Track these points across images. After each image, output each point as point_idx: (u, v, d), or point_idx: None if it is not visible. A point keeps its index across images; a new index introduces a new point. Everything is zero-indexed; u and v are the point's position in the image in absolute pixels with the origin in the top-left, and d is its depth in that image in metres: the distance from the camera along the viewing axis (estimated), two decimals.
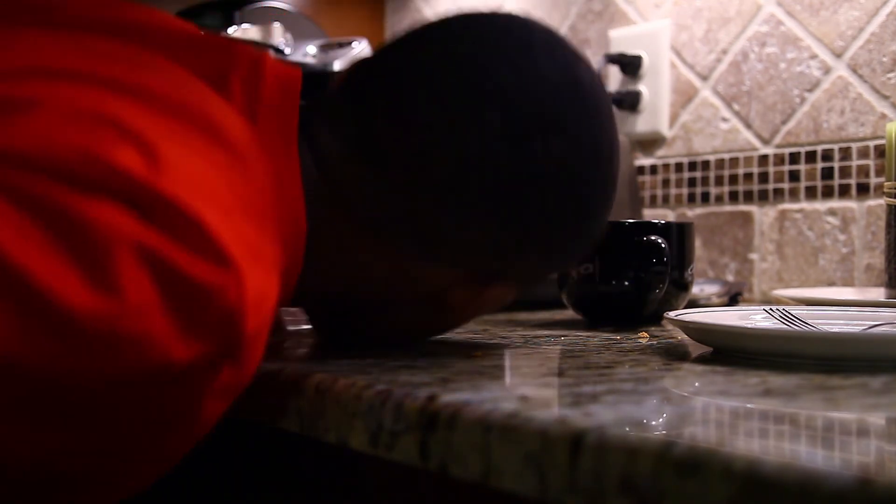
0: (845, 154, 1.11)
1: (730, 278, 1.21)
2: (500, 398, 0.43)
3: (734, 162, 1.23)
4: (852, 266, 1.10)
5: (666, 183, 1.31)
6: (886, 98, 1.08)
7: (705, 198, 1.26)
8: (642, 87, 1.32)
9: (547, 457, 0.37)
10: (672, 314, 0.62)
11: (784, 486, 0.30)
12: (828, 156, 1.13)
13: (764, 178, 1.19)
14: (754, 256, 1.20)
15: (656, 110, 1.31)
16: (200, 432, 0.46)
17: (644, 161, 1.33)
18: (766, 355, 0.55)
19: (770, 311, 0.68)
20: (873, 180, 1.08)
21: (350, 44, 1.13)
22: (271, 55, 0.60)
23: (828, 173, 1.13)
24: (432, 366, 0.53)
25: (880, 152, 1.07)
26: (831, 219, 1.12)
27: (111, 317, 0.40)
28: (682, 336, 0.70)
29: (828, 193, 1.13)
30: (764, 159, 1.19)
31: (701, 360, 0.58)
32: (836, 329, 0.64)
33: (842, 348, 0.53)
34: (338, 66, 1.09)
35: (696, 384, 0.50)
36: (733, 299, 1.06)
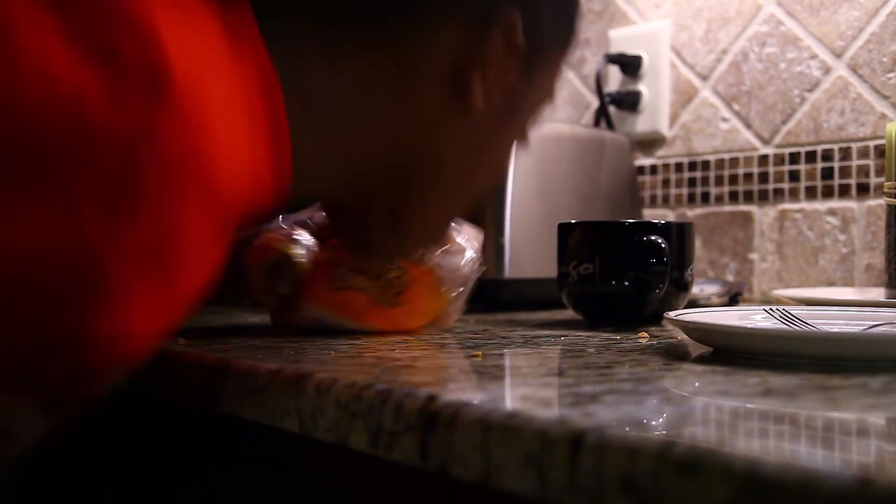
0: (845, 154, 1.11)
1: (730, 278, 1.21)
2: (500, 398, 0.43)
3: (734, 162, 1.23)
4: (852, 266, 1.10)
5: (666, 183, 1.31)
6: (886, 98, 1.08)
7: (705, 198, 1.26)
8: (642, 87, 1.32)
9: (547, 457, 0.37)
10: (672, 314, 0.62)
11: (784, 486, 0.30)
12: (828, 156, 1.13)
13: (764, 178, 1.19)
14: (754, 256, 1.20)
15: (656, 110, 1.31)
16: None
17: (644, 161, 1.33)
18: (766, 355, 0.55)
19: (770, 311, 0.68)
20: (873, 180, 1.08)
21: None
22: None
23: (828, 173, 1.13)
24: (432, 366, 0.54)
25: (880, 152, 1.08)
26: (831, 219, 1.12)
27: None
28: (682, 336, 0.70)
29: (828, 193, 1.13)
30: (764, 159, 1.19)
31: (701, 360, 0.58)
32: (836, 329, 0.64)
33: (842, 348, 0.53)
34: None
35: (696, 384, 0.50)
36: (733, 299, 1.06)
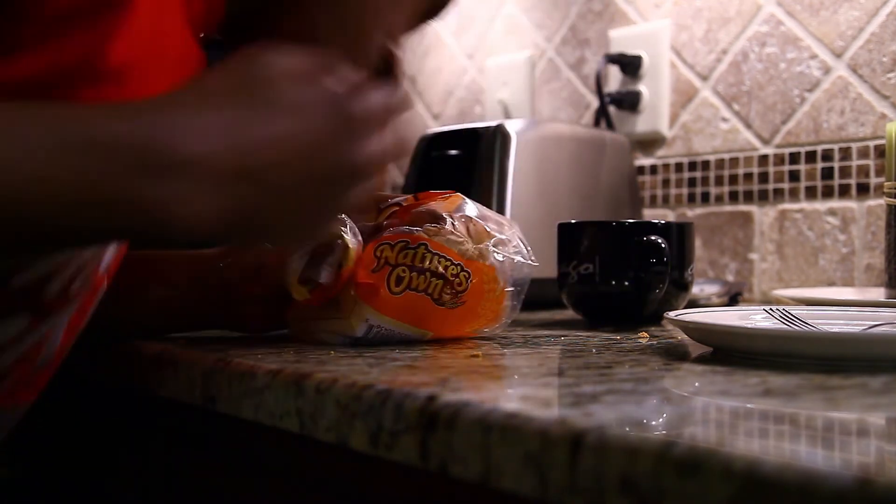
0: (845, 154, 1.11)
1: (730, 278, 1.21)
2: (500, 398, 0.43)
3: (734, 162, 1.23)
4: (852, 266, 1.10)
5: (666, 183, 1.31)
6: (886, 98, 1.08)
7: (705, 198, 1.26)
8: (642, 87, 1.32)
9: (547, 457, 0.37)
10: (672, 314, 0.62)
11: (784, 486, 0.30)
12: (828, 156, 1.13)
13: (764, 178, 1.19)
14: (754, 256, 1.20)
15: (656, 110, 1.31)
16: None
17: (644, 161, 1.33)
18: (766, 355, 0.55)
19: (770, 311, 0.68)
20: (873, 180, 1.08)
21: None
22: None
23: (828, 173, 1.13)
24: (432, 366, 0.54)
25: (880, 152, 1.07)
26: (831, 219, 1.12)
27: None
28: (682, 336, 0.70)
29: (828, 193, 1.13)
30: (764, 159, 1.19)
31: (701, 360, 0.58)
32: (836, 329, 0.64)
33: (842, 348, 0.53)
34: None
35: (696, 384, 0.50)
36: (733, 299, 1.06)
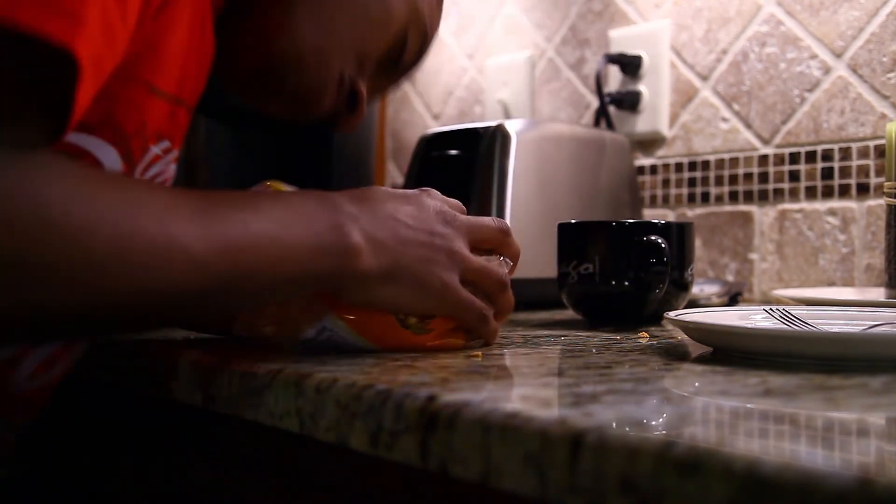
0: (845, 154, 1.11)
1: (730, 278, 1.21)
2: (500, 398, 0.43)
3: (734, 162, 1.23)
4: (852, 266, 1.10)
5: (666, 183, 1.31)
6: (886, 98, 1.08)
7: (705, 198, 1.26)
8: (642, 87, 1.32)
9: (547, 457, 0.37)
10: (672, 314, 0.62)
11: (784, 486, 0.30)
12: (828, 156, 1.13)
13: (764, 178, 1.19)
14: (754, 256, 1.20)
15: (656, 110, 1.31)
16: None
17: (644, 161, 1.33)
18: (766, 355, 0.55)
19: (770, 311, 0.68)
20: (873, 180, 1.08)
21: None
22: None
23: (828, 173, 1.13)
24: (432, 366, 0.53)
25: (880, 152, 1.08)
26: (831, 219, 1.12)
27: None
28: (682, 336, 0.70)
29: (828, 193, 1.13)
30: (764, 159, 1.19)
31: (701, 360, 0.58)
32: (836, 329, 0.64)
33: (842, 348, 0.53)
34: None
35: (696, 384, 0.50)
36: (733, 299, 1.06)
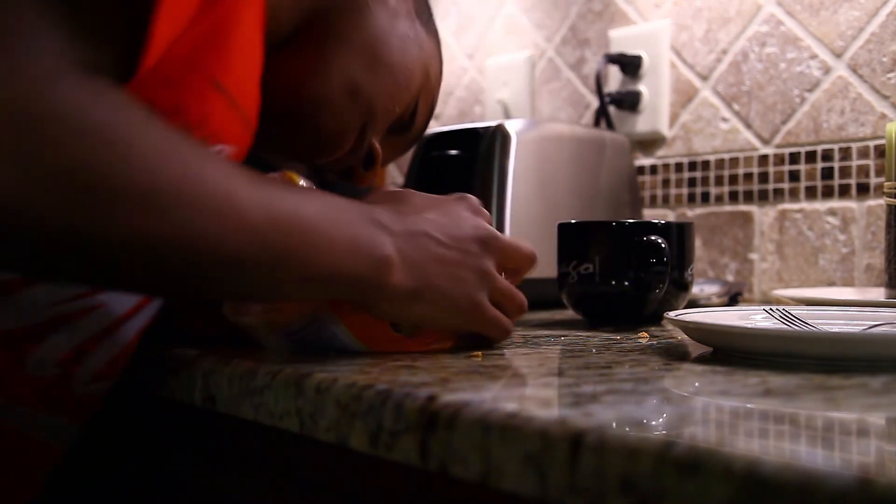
0: (845, 154, 1.11)
1: (730, 278, 1.21)
2: (500, 398, 0.43)
3: (734, 162, 1.23)
4: (852, 266, 1.10)
5: (666, 183, 1.31)
6: (886, 98, 1.08)
7: (705, 198, 1.26)
8: (642, 87, 1.32)
9: (547, 457, 0.37)
10: (672, 314, 0.62)
11: (784, 486, 0.30)
12: (828, 156, 1.13)
13: (764, 178, 1.19)
14: (754, 256, 1.20)
15: (656, 110, 1.31)
16: None
17: (644, 161, 1.33)
18: (766, 355, 0.55)
19: (770, 311, 0.68)
20: (873, 180, 1.08)
21: None
22: None
23: (828, 173, 1.13)
24: (432, 366, 0.53)
25: (880, 152, 1.08)
26: (831, 219, 1.12)
27: None
28: (682, 336, 0.70)
29: (828, 193, 1.13)
30: (764, 159, 1.19)
31: (701, 360, 0.58)
32: (836, 329, 0.64)
33: (842, 348, 0.53)
34: None
35: (696, 384, 0.50)
36: (733, 299, 1.06)
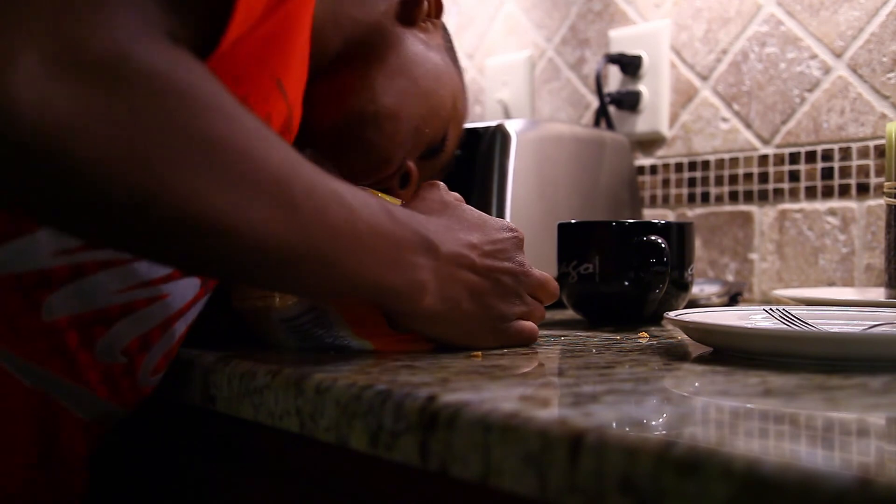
0: (845, 154, 1.11)
1: (730, 278, 1.21)
2: (500, 398, 0.43)
3: (734, 162, 1.23)
4: (852, 266, 1.10)
5: (666, 183, 1.31)
6: (886, 98, 1.08)
7: (705, 198, 1.26)
8: (642, 87, 1.32)
9: (547, 457, 0.37)
10: (672, 314, 0.62)
11: (784, 486, 0.30)
12: (828, 156, 1.13)
13: (764, 178, 1.19)
14: (754, 256, 1.20)
15: (656, 110, 1.31)
16: None
17: (644, 161, 1.33)
18: (766, 355, 0.55)
19: (770, 311, 0.68)
20: (873, 180, 1.08)
21: None
22: None
23: (828, 173, 1.13)
24: (432, 366, 0.53)
25: (880, 152, 1.07)
26: (831, 219, 1.12)
27: None
28: (682, 336, 0.70)
29: (828, 193, 1.13)
30: (764, 159, 1.19)
31: (701, 360, 0.58)
32: (836, 329, 0.64)
33: (842, 348, 0.53)
34: None
35: (696, 384, 0.50)
36: (733, 299, 1.06)
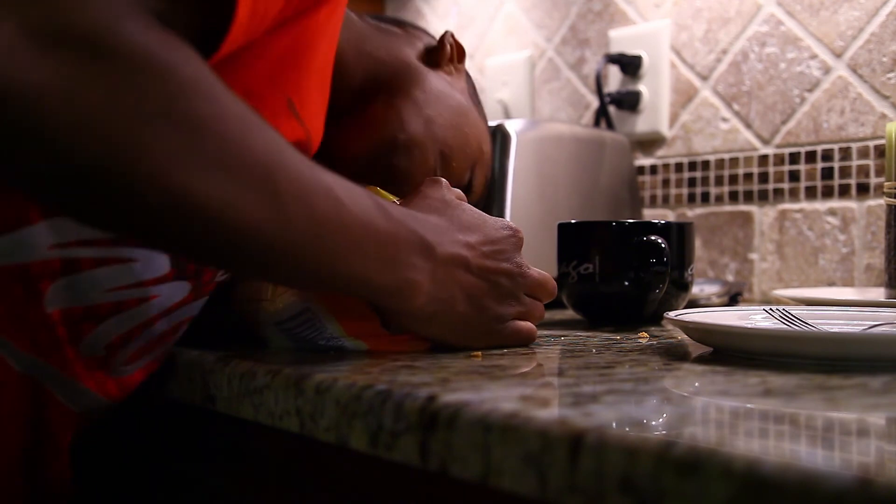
0: (845, 154, 1.11)
1: (730, 278, 1.21)
2: (500, 398, 0.43)
3: (734, 162, 1.23)
4: (852, 266, 1.10)
5: (666, 183, 1.31)
6: (886, 98, 1.08)
7: (705, 198, 1.26)
8: (642, 87, 1.32)
9: (547, 457, 0.37)
10: (672, 314, 0.62)
11: (784, 486, 0.30)
12: (828, 156, 1.13)
13: (764, 178, 1.19)
14: (754, 256, 1.20)
15: (656, 110, 1.31)
16: None
17: (644, 161, 1.33)
18: (766, 355, 0.55)
19: (770, 311, 0.68)
20: (873, 180, 1.08)
21: None
22: None
23: (828, 173, 1.13)
24: (432, 366, 0.53)
25: (880, 152, 1.07)
26: (831, 219, 1.12)
27: None
28: (682, 336, 0.70)
29: (828, 193, 1.13)
30: (764, 159, 1.19)
31: (701, 360, 0.58)
32: (836, 329, 0.64)
33: (842, 348, 0.53)
34: None
35: (696, 384, 0.50)
36: (733, 299, 1.06)
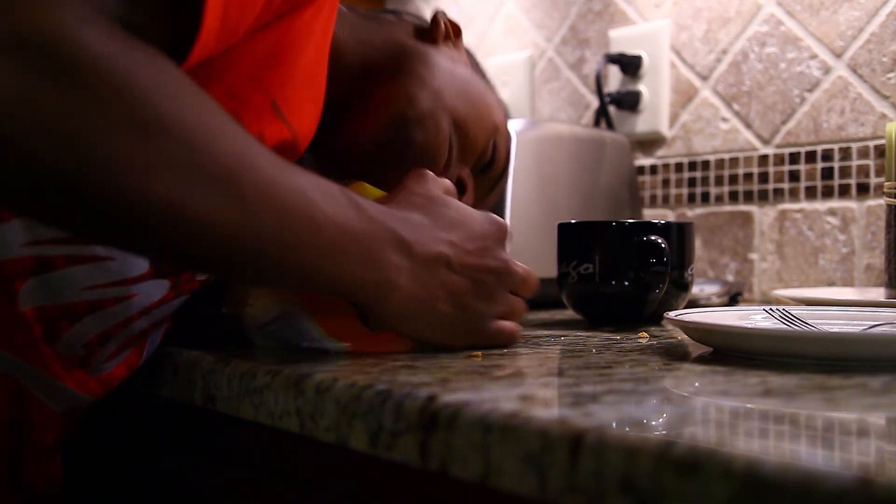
0: (845, 154, 1.11)
1: (730, 278, 1.21)
2: (500, 398, 0.43)
3: (734, 162, 1.23)
4: (852, 266, 1.10)
5: (666, 183, 1.31)
6: (886, 98, 1.08)
7: (705, 198, 1.26)
8: (642, 87, 1.32)
9: (547, 457, 0.37)
10: (672, 314, 0.62)
11: (784, 486, 0.30)
12: (828, 156, 1.13)
13: (764, 178, 1.19)
14: (754, 256, 1.20)
15: (656, 110, 1.31)
16: None
17: (644, 161, 1.33)
18: (766, 355, 0.55)
19: (770, 311, 0.68)
20: (873, 180, 1.08)
21: None
22: None
23: (828, 173, 1.13)
24: (432, 366, 0.53)
25: (880, 152, 1.07)
26: (831, 219, 1.12)
27: None
28: (682, 336, 0.70)
29: (828, 193, 1.13)
30: (764, 159, 1.19)
31: (701, 360, 0.58)
32: (836, 329, 0.64)
33: (842, 348, 0.53)
34: None
35: (696, 384, 0.50)
36: (733, 299, 1.06)
